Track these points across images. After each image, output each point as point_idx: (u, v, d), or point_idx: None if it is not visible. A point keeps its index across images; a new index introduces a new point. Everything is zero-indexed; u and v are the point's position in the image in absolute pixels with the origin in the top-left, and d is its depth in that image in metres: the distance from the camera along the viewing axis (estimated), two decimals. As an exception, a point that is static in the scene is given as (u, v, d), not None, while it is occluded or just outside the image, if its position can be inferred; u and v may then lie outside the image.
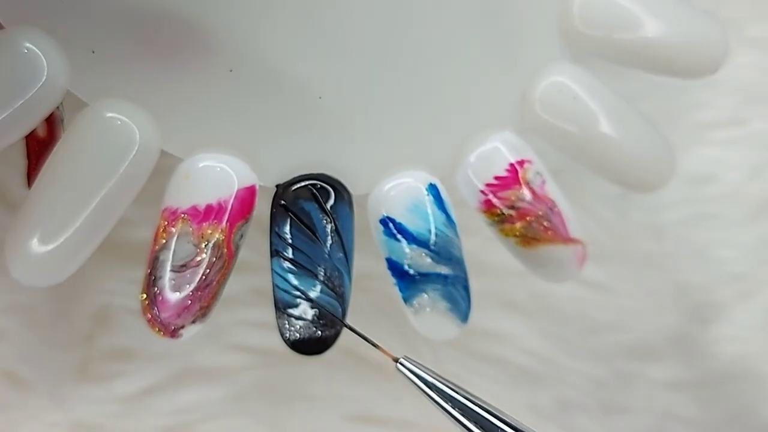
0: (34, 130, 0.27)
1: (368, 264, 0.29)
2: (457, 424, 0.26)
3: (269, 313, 0.34)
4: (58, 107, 0.27)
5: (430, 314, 0.28)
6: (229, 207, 0.26)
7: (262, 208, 0.28)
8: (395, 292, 0.28)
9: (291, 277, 0.27)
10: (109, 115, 0.26)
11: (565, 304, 0.37)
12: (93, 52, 0.26)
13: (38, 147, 0.29)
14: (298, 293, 0.27)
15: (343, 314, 0.27)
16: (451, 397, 0.26)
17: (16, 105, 0.25)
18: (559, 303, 0.37)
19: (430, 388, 0.26)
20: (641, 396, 0.37)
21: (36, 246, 0.25)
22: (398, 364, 0.26)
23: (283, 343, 0.27)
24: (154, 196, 0.27)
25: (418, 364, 0.26)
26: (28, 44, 0.25)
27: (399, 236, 0.27)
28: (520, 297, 0.37)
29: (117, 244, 0.34)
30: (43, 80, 0.25)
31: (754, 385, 0.37)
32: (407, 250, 0.27)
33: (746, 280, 0.38)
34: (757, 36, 0.38)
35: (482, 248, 0.34)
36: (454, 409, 0.26)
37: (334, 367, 0.35)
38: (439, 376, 0.26)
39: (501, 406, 0.36)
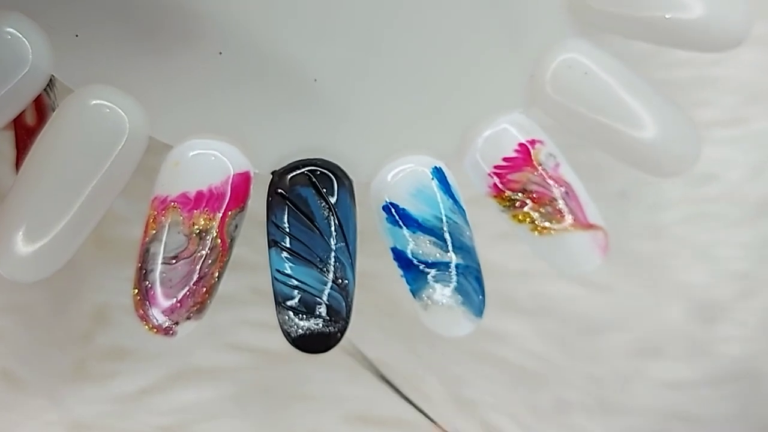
0: (24, 118, 0.27)
1: (368, 262, 0.29)
2: None
3: (268, 313, 0.34)
4: (49, 94, 0.26)
5: (440, 309, 0.26)
6: (221, 194, 0.25)
7: (258, 203, 0.26)
8: (401, 288, 0.26)
9: (290, 268, 0.25)
10: (96, 102, 0.25)
11: (565, 304, 0.37)
12: (77, 35, 0.25)
13: (28, 136, 0.28)
14: (297, 285, 0.25)
15: (348, 310, 0.26)
16: None
17: (0, 93, 0.24)
18: (559, 303, 0.37)
19: None
20: (641, 396, 0.37)
21: (22, 243, 0.24)
22: None
23: (284, 340, 0.26)
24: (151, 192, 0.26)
25: None
26: (10, 29, 0.24)
27: (402, 223, 0.26)
28: (520, 297, 0.37)
29: (114, 243, 0.34)
30: (28, 67, 0.24)
31: (755, 384, 0.37)
32: (411, 237, 0.26)
33: (747, 279, 0.37)
34: (759, 34, 0.37)
35: (482, 247, 0.34)
36: None
37: (333, 367, 0.35)
38: None
39: (501, 406, 0.36)
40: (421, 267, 0.26)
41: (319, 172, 0.26)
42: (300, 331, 0.25)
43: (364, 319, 0.29)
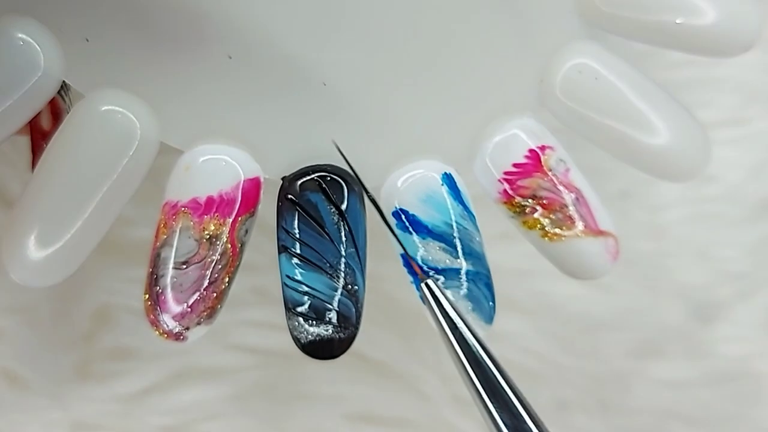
0: (39, 122, 0.27)
1: (368, 264, 0.29)
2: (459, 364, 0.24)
3: (269, 313, 0.34)
4: (64, 98, 0.26)
5: None
6: (232, 199, 0.25)
7: (264, 206, 0.26)
8: (401, 288, 0.26)
9: (300, 274, 0.25)
10: (107, 107, 0.25)
11: (565, 304, 0.37)
12: (87, 40, 0.25)
13: (44, 140, 0.28)
14: (307, 291, 0.25)
15: (358, 316, 0.25)
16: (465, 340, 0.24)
17: (13, 99, 0.24)
18: (559, 302, 0.37)
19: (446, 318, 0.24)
20: (641, 395, 0.37)
21: (34, 248, 0.24)
22: (423, 285, 0.24)
23: (285, 340, 0.25)
24: (154, 194, 0.26)
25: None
26: (23, 35, 0.24)
27: (412, 229, 0.26)
28: (520, 296, 0.37)
29: (117, 244, 0.34)
30: (40, 72, 0.24)
31: (755, 384, 0.37)
32: (421, 243, 0.26)
33: (746, 279, 0.37)
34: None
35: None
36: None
37: (334, 366, 0.35)
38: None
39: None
40: (431, 273, 0.26)
41: (329, 178, 0.26)
42: (310, 337, 0.25)
43: (364, 318, 0.29)
